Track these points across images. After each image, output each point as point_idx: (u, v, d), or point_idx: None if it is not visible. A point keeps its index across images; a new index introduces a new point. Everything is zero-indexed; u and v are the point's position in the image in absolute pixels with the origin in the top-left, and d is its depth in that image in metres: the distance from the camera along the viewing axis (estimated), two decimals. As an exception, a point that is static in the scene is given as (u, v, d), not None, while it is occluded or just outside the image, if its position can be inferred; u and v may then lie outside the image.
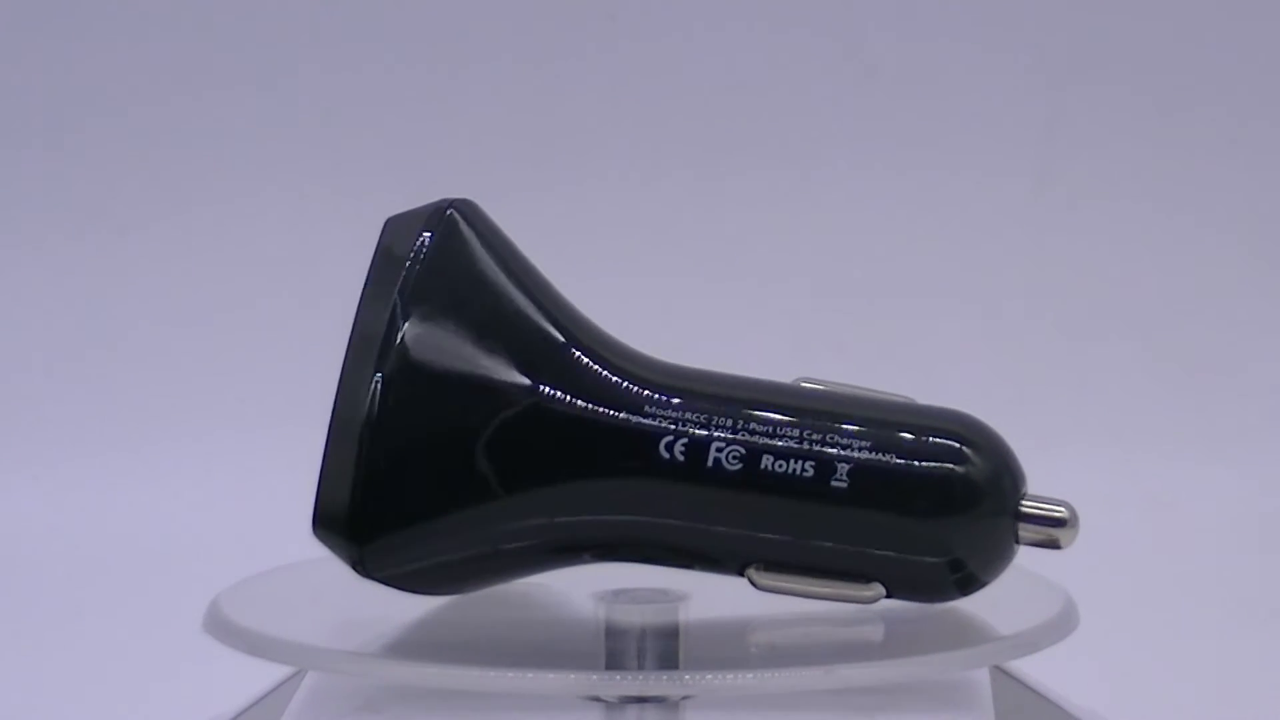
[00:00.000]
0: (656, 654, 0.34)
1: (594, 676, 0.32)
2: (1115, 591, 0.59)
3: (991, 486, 0.34)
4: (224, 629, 0.34)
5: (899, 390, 0.36)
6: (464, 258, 0.34)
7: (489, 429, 0.33)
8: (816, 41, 0.77)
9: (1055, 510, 0.35)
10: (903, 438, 0.34)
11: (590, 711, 0.32)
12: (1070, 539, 0.35)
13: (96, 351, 0.75)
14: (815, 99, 0.76)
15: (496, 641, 0.35)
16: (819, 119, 0.76)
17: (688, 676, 0.31)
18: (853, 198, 0.76)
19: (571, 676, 0.31)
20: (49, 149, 0.77)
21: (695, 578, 0.36)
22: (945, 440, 0.34)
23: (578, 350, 0.34)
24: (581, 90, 0.77)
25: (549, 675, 0.31)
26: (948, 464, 0.34)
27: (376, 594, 0.34)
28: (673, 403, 0.34)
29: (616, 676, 0.32)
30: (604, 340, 0.35)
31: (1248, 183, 0.76)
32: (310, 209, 0.76)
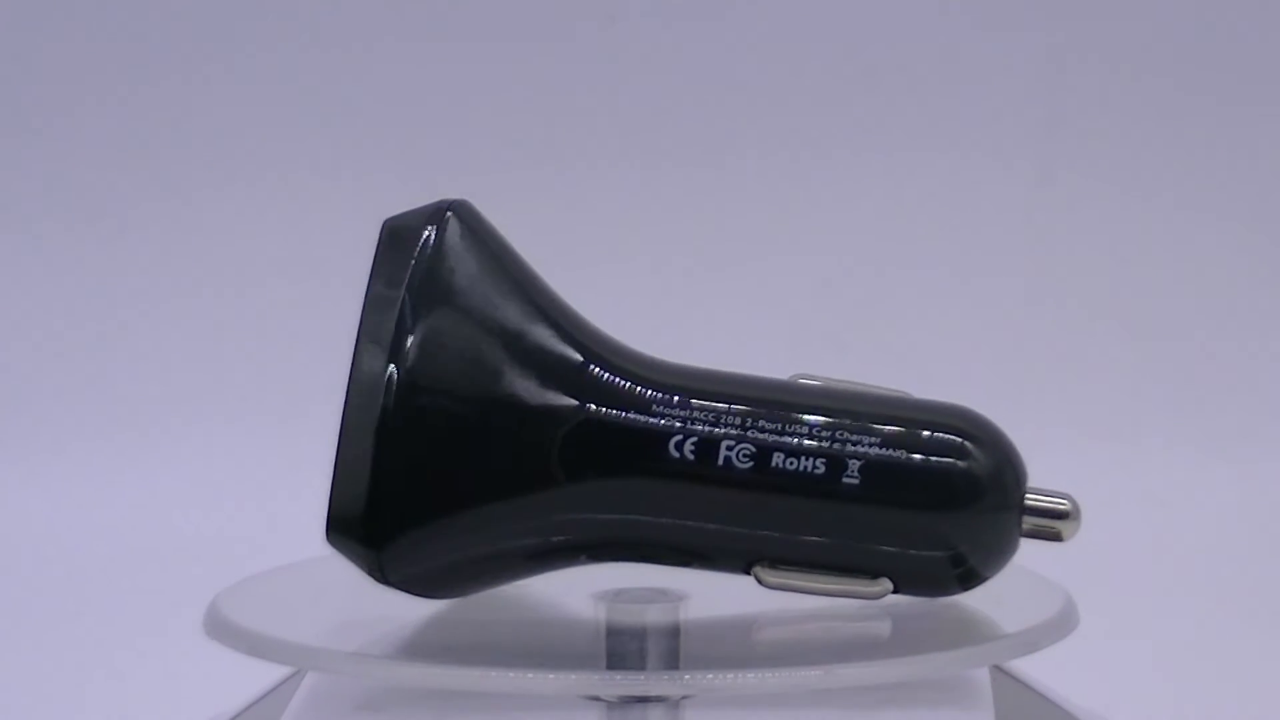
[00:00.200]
0: (656, 654, 0.34)
1: (594, 676, 0.32)
2: (1115, 591, 0.59)
3: (994, 481, 0.34)
4: (223, 629, 0.34)
5: (899, 387, 0.36)
6: (467, 257, 0.34)
7: (500, 427, 0.33)
8: (816, 39, 0.77)
9: (1057, 503, 0.35)
10: (910, 433, 0.34)
11: (590, 711, 0.32)
12: (1072, 531, 0.35)
13: (96, 350, 0.75)
14: (814, 96, 0.76)
15: (496, 641, 0.35)
16: (818, 117, 0.76)
17: (688, 676, 0.31)
18: (852, 195, 0.76)
19: (572, 677, 0.31)
20: (48, 147, 0.76)
21: (695, 578, 0.36)
22: (949, 435, 0.34)
23: (582, 351, 0.34)
24: (580, 89, 0.77)
25: (549, 675, 0.31)
26: (953, 459, 0.34)
27: (376, 594, 0.34)
28: (680, 402, 0.34)
29: (617, 676, 0.32)
30: (604, 340, 0.35)
31: (1249, 182, 0.76)
32: (310, 208, 0.76)
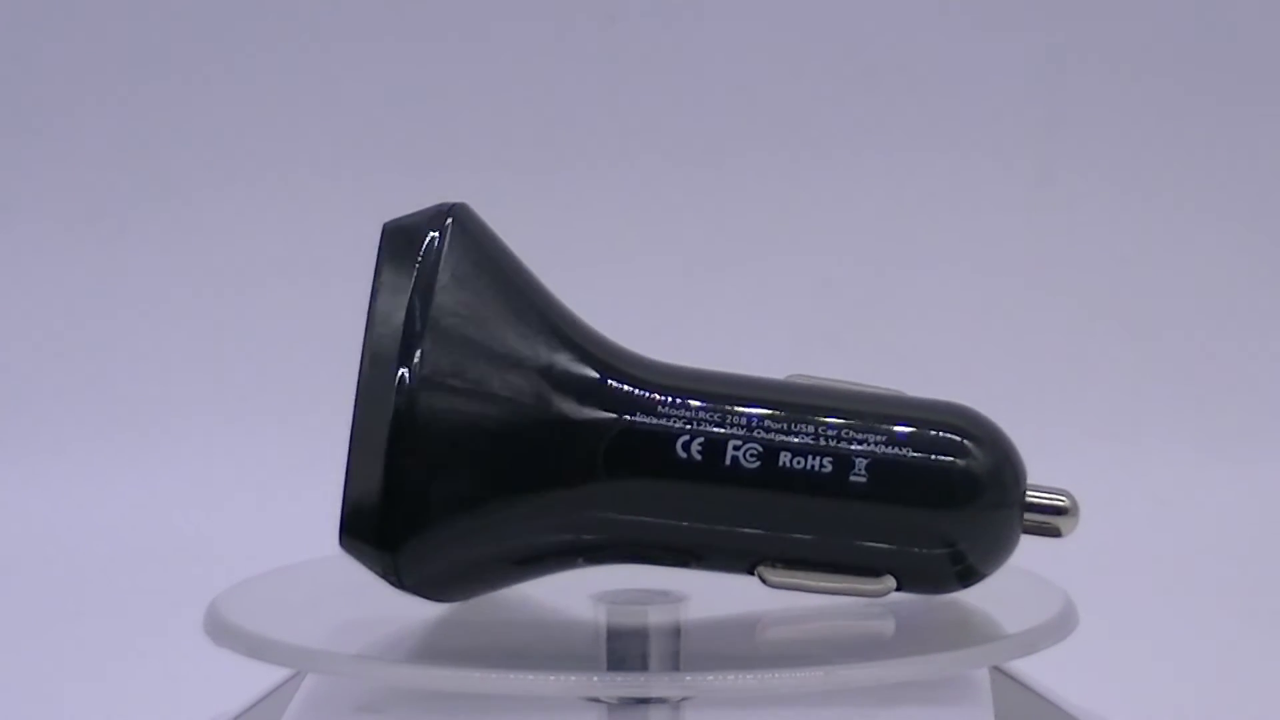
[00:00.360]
0: (656, 655, 0.34)
1: (594, 678, 0.32)
2: (1115, 591, 0.59)
3: (994, 478, 0.35)
4: (223, 631, 0.34)
5: (899, 387, 0.36)
6: (471, 260, 0.34)
7: (510, 429, 0.33)
8: (816, 39, 0.76)
9: (1056, 499, 0.35)
10: (915, 432, 0.34)
11: (590, 712, 0.32)
12: (1071, 526, 0.35)
13: (96, 351, 0.75)
14: (814, 96, 0.76)
15: (496, 643, 0.35)
16: (818, 117, 0.76)
17: (688, 677, 0.32)
18: (852, 195, 0.76)
19: (571, 678, 0.31)
20: (48, 147, 0.76)
21: (695, 578, 0.36)
22: (950, 433, 0.35)
23: (587, 355, 0.34)
24: (580, 89, 0.77)
25: (549, 677, 0.31)
26: (954, 457, 0.34)
27: (376, 596, 0.34)
28: (684, 403, 0.34)
29: (616, 678, 0.32)
30: (606, 344, 0.35)
31: (1249, 182, 0.76)
32: (310, 208, 0.76)
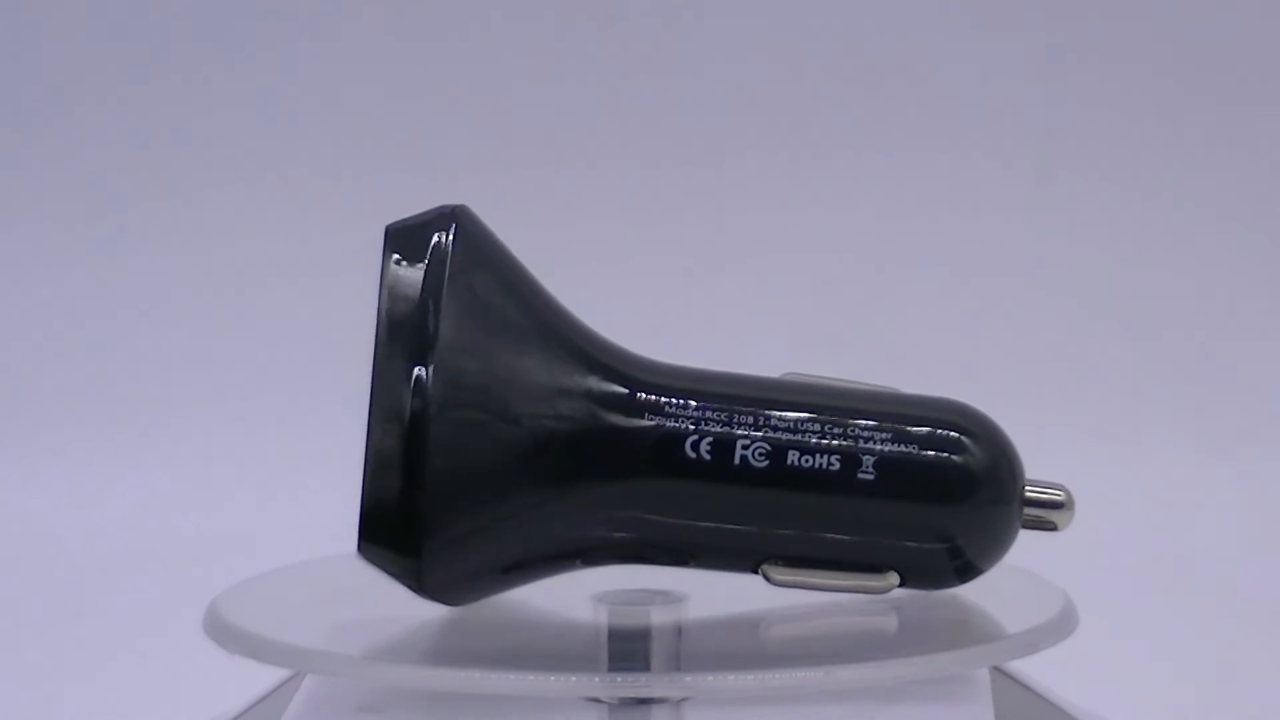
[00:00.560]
0: (656, 655, 0.34)
1: (594, 678, 0.32)
2: (1115, 591, 0.59)
3: (991, 474, 0.35)
4: (223, 631, 0.34)
5: (899, 387, 0.36)
6: (474, 261, 0.34)
7: (523, 430, 0.33)
8: (816, 39, 0.76)
9: (1052, 494, 0.36)
10: (917, 429, 0.35)
11: (590, 712, 0.32)
12: (1067, 521, 0.36)
13: (96, 351, 0.75)
14: (814, 96, 0.76)
15: (497, 643, 0.35)
16: (818, 117, 0.76)
17: (688, 677, 0.32)
18: (852, 195, 0.76)
19: (572, 678, 0.31)
20: (48, 147, 0.76)
21: (694, 578, 0.36)
22: (949, 430, 0.35)
23: (591, 358, 0.34)
24: (581, 89, 0.77)
25: (549, 677, 0.31)
26: (954, 453, 0.35)
27: (375, 596, 0.34)
28: (691, 404, 0.34)
29: (617, 678, 0.32)
30: (608, 346, 0.35)
31: (1250, 182, 0.76)
32: (310, 209, 0.76)
